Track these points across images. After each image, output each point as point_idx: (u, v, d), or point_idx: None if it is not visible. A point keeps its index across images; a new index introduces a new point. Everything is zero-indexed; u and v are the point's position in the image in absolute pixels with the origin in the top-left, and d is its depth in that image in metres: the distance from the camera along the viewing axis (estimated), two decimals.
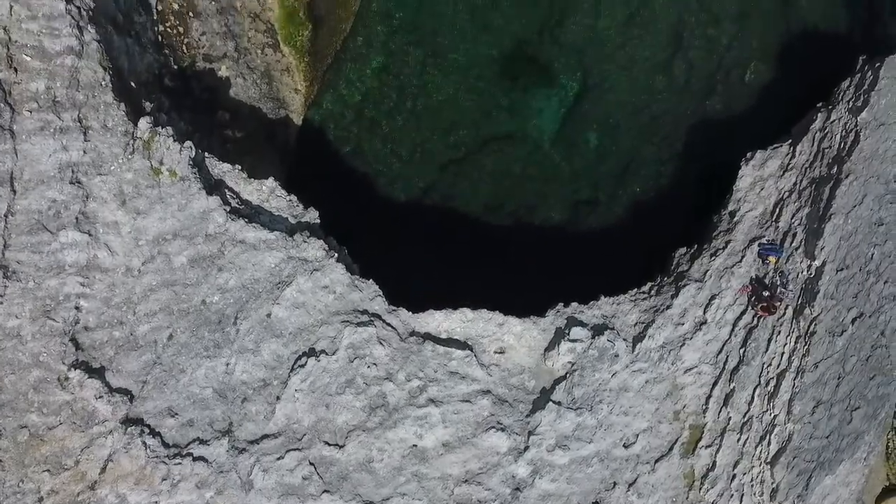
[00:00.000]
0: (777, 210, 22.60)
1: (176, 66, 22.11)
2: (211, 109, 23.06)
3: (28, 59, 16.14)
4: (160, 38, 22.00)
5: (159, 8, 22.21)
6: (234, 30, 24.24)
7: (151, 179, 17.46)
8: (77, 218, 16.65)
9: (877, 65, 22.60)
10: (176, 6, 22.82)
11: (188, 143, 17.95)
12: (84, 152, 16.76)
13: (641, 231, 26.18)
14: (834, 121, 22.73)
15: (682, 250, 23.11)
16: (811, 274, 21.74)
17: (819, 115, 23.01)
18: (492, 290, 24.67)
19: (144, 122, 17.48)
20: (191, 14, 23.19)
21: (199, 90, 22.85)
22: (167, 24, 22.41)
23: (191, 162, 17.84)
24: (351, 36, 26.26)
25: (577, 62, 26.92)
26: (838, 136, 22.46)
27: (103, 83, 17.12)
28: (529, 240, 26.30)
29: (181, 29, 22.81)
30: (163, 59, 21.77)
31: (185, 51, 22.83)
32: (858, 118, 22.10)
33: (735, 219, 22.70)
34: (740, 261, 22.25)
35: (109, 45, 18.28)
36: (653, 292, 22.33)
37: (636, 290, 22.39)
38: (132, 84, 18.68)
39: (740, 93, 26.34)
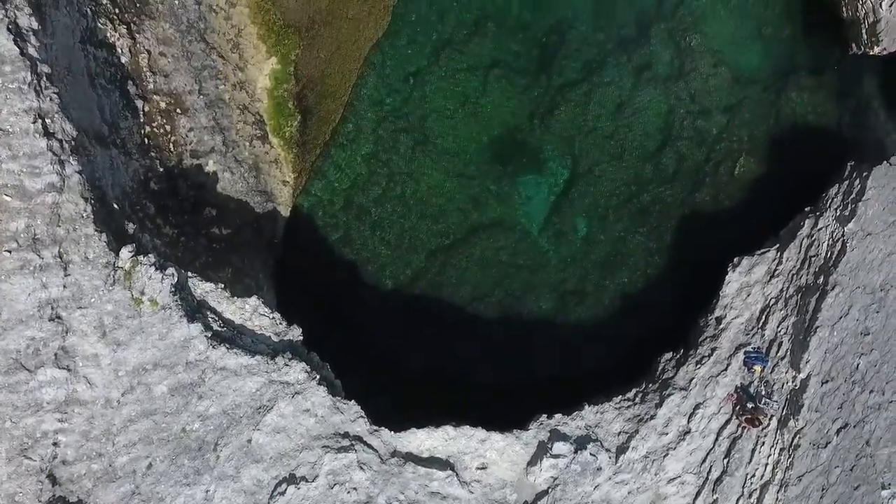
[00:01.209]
0: (763, 317, 22.58)
1: (162, 169, 22.03)
2: (197, 208, 22.99)
3: (8, 199, 16.05)
4: (146, 140, 21.93)
5: (146, 109, 22.14)
6: (223, 123, 24.19)
7: (132, 310, 17.37)
8: (56, 354, 16.55)
9: (864, 174, 22.60)
10: (163, 105, 22.76)
11: (170, 270, 17.87)
12: (64, 287, 16.66)
13: (629, 324, 26.18)
14: (821, 228, 22.73)
15: (668, 355, 23.09)
16: (796, 386, 21.71)
17: (807, 220, 23.01)
18: (477, 392, 24.82)
19: (126, 252, 17.39)
20: (178, 111, 23.12)
21: (185, 189, 22.77)
22: (154, 125, 22.34)
23: (172, 289, 17.74)
24: (341, 123, 26.24)
25: (567, 149, 26.91)
26: (825, 245, 22.45)
27: (84, 215, 17.02)
28: (516, 331, 26.26)
29: (168, 127, 22.75)
30: (148, 163, 21.70)
31: (172, 149, 22.76)
32: (846, 228, 22.10)
33: (721, 325, 22.67)
34: (725, 369, 22.24)
35: (92, 168, 18.20)
36: (637, 399, 22.30)
37: (620, 397, 22.36)
38: (115, 205, 18.59)
39: (729, 186, 26.33)
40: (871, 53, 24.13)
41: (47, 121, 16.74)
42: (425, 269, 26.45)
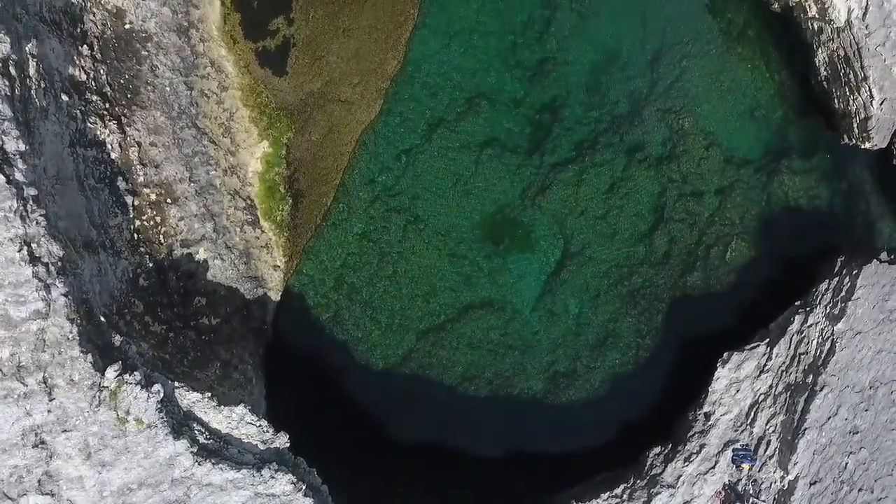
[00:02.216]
0: (752, 413, 22.57)
1: (151, 264, 22.02)
2: (187, 299, 22.97)
3: None
4: (136, 235, 21.92)
5: (136, 203, 22.14)
6: (213, 209, 24.17)
7: (117, 430, 17.33)
8: (40, 480, 16.54)
9: (854, 272, 22.59)
10: (153, 196, 22.75)
11: (156, 387, 17.84)
12: (49, 412, 16.63)
13: (618, 407, 26.18)
14: (811, 325, 22.71)
15: (657, 449, 23.06)
16: (784, 486, 21.69)
17: (797, 316, 23.00)
18: (467, 473, 24.82)
19: (111, 371, 17.37)
20: (169, 201, 23.11)
21: (175, 281, 22.75)
22: (144, 218, 22.32)
23: (158, 406, 17.72)
24: (333, 202, 26.23)
25: (559, 229, 26.90)
26: (815, 342, 22.44)
27: (70, 337, 16.99)
28: (506, 412, 26.24)
29: (158, 219, 22.74)
30: (138, 259, 21.69)
31: (162, 241, 22.74)
32: (835, 328, 22.09)
33: (710, 421, 22.65)
34: (714, 466, 22.23)
35: (79, 282, 18.18)
36: (625, 496, 22.29)
37: (609, 493, 22.35)
38: (101, 318, 18.56)
39: (721, 270, 26.32)
40: (863, 147, 24.10)
41: (33, 245, 16.71)
42: (416, 349, 26.43)
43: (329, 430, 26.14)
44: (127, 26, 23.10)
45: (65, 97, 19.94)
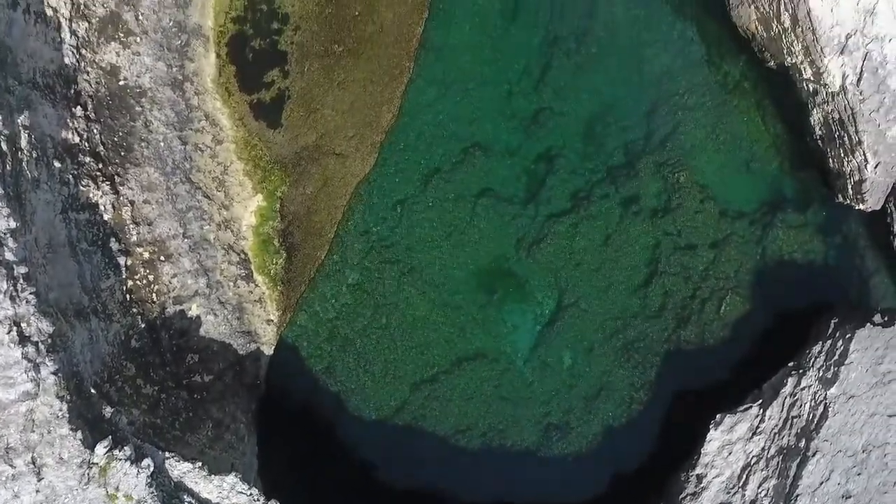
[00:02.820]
0: (744, 476, 22.55)
1: (144, 324, 21.99)
2: (179, 357, 22.94)
3: None
4: (128, 296, 21.91)
5: (128, 263, 22.13)
6: (207, 264, 24.16)
7: None
8: None
9: (847, 335, 22.56)
10: (146, 255, 22.73)
11: (146, 462, 17.83)
12: (37, 492, 16.62)
13: (611, 461, 26.16)
14: (804, 388, 22.69)
15: None
16: None
17: (789, 378, 22.98)
18: None
19: (101, 448, 17.36)
20: (162, 258, 23.10)
21: (167, 340, 22.73)
22: (136, 278, 22.32)
23: (148, 480, 17.71)
24: (327, 254, 26.23)
25: (554, 280, 26.86)
26: (808, 406, 22.42)
27: (59, 415, 16.98)
28: (499, 464, 26.24)
29: (151, 277, 22.72)
30: (130, 321, 21.67)
31: (155, 299, 22.72)
32: (828, 392, 22.07)
33: (702, 483, 22.64)
34: None
35: (70, 355, 18.17)
36: None
37: None
38: (92, 390, 18.55)
39: (715, 324, 26.25)
40: (857, 208, 24.06)
41: (23, 325, 16.70)
42: (409, 400, 26.42)
43: (322, 480, 26.16)
44: (121, 83, 23.10)
45: (57, 164, 19.93)
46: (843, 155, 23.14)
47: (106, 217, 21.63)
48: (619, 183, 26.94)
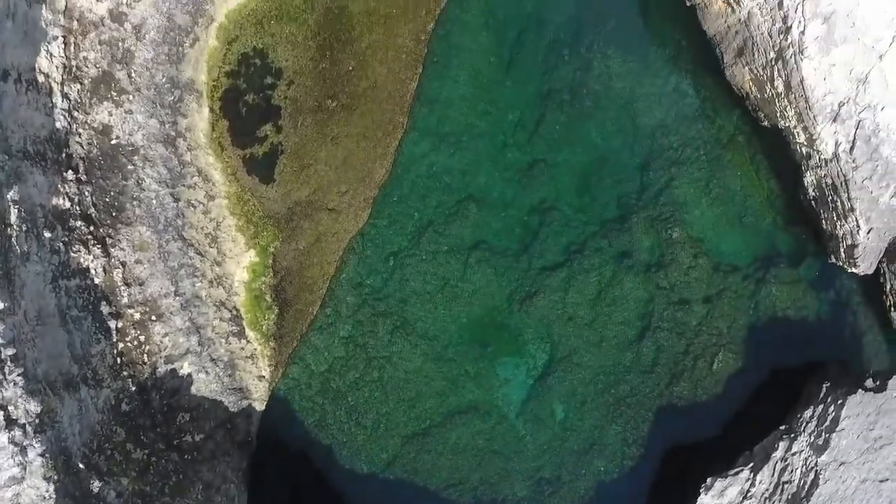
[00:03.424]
0: None
1: (134, 387, 21.95)
2: (170, 417, 22.90)
3: None
4: (119, 359, 21.87)
5: (119, 326, 22.09)
6: (198, 321, 24.12)
7: None
8: None
9: (839, 401, 22.52)
10: (137, 316, 22.69)
11: None
12: None
13: None
14: (795, 453, 22.65)
15: None
16: None
17: (781, 443, 22.93)
18: None
19: None
20: (153, 318, 23.05)
21: (158, 401, 22.68)
22: (127, 339, 22.28)
23: None
24: (320, 307, 26.19)
25: (546, 334, 26.83)
26: (798, 472, 22.38)
27: (46, 496, 16.96)
28: None
29: (142, 338, 22.68)
30: (120, 385, 21.63)
31: (146, 360, 22.68)
32: (819, 459, 22.03)
33: None
34: None
35: (58, 431, 18.13)
36: None
37: None
38: (80, 464, 18.51)
39: (707, 380, 26.23)
40: (849, 271, 24.05)
41: (10, 408, 16.69)
42: (401, 453, 26.38)
43: None
44: (113, 142, 23.07)
45: (47, 233, 19.90)
46: (835, 218, 23.11)
47: (97, 281, 21.59)
48: (613, 237, 26.91)
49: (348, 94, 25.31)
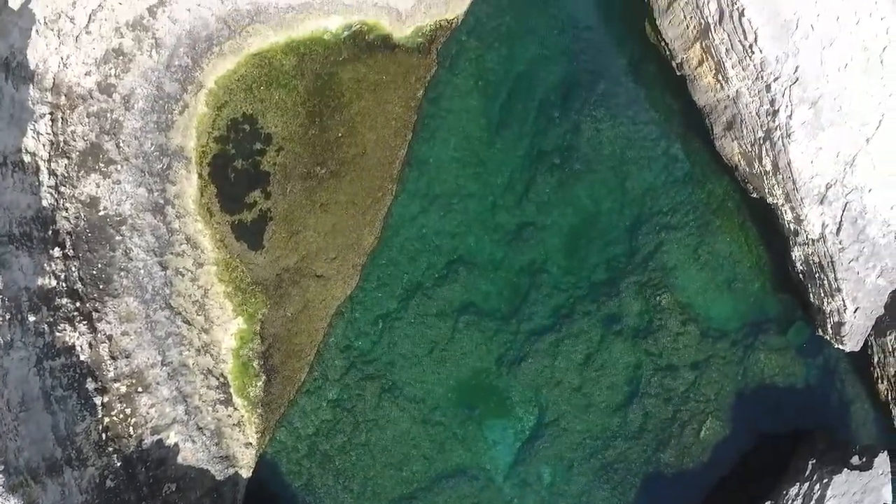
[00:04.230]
0: None
1: (119, 463, 21.93)
2: (156, 489, 22.89)
3: None
4: (104, 434, 21.84)
5: (105, 401, 22.07)
6: (185, 390, 24.11)
7: None
8: None
9: (825, 480, 22.53)
10: (123, 389, 22.68)
11: None
12: None
13: None
14: None
15: None
16: None
17: None
18: None
19: None
20: (139, 389, 23.05)
21: (144, 474, 22.66)
22: (113, 414, 22.26)
23: None
24: (308, 371, 26.19)
25: (534, 397, 26.85)
26: None
27: None
28: None
29: (128, 411, 22.67)
30: (105, 461, 21.62)
31: (132, 433, 22.66)
32: None
33: None
34: None
35: None
36: None
37: None
38: None
39: (694, 448, 26.27)
40: (836, 347, 24.06)
41: None
42: None
43: None
44: (101, 213, 23.06)
45: (32, 317, 19.89)
46: (823, 295, 23.13)
47: (83, 357, 21.58)
48: (601, 301, 26.93)
49: (337, 160, 25.31)
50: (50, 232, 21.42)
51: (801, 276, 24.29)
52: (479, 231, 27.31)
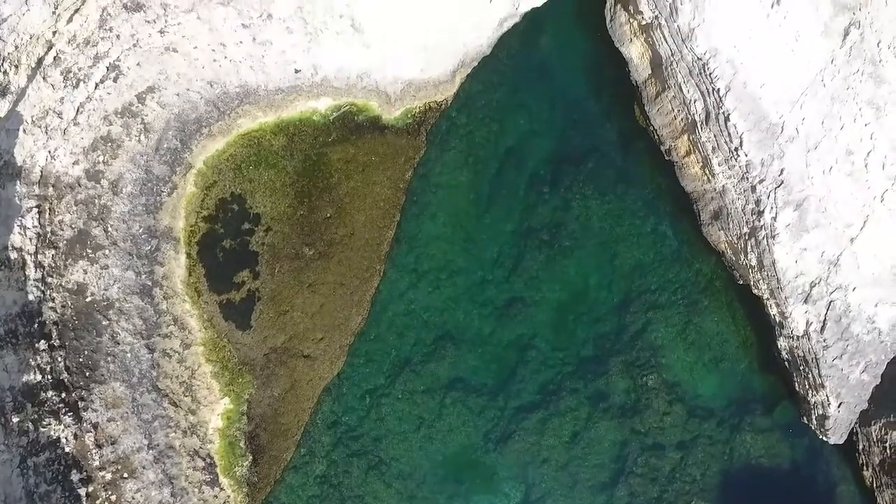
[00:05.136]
0: None
1: None
2: None
3: None
4: None
5: (90, 490, 22.08)
6: (171, 472, 24.13)
7: None
8: None
9: None
10: (109, 476, 22.69)
11: None
12: None
13: None
14: None
15: None
16: None
17: None
18: None
19: None
20: (125, 475, 23.06)
21: None
22: (98, 503, 22.27)
23: None
24: (296, 449, 26.22)
25: (521, 474, 26.87)
26: None
27: None
28: None
29: (113, 498, 22.67)
30: None
31: None
32: None
33: None
34: None
35: None
36: None
37: None
38: None
39: None
40: (821, 438, 24.12)
41: None
42: None
43: None
44: (88, 299, 23.09)
45: (15, 418, 19.95)
46: (807, 387, 23.18)
47: (68, 449, 21.60)
48: (589, 379, 26.99)
49: (326, 241, 25.37)
50: (36, 325, 21.45)
51: (786, 363, 24.36)
52: (468, 306, 27.35)
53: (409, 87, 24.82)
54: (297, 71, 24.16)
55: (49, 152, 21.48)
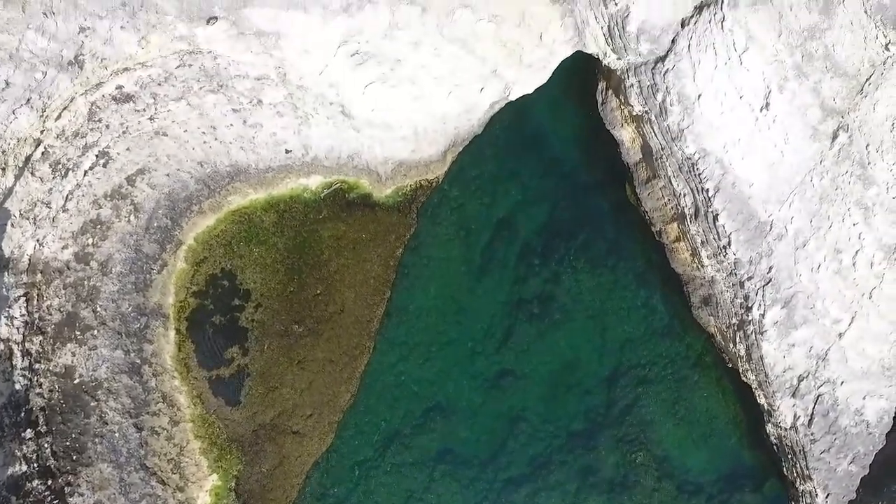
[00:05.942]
0: None
1: None
2: None
3: None
4: None
5: None
6: None
7: None
8: None
9: None
10: None
11: None
12: None
13: None
14: None
15: None
16: None
17: None
18: None
19: None
20: None
21: None
22: None
23: None
24: None
25: None
26: None
27: None
28: None
29: None
30: None
31: None
32: None
33: None
34: None
35: None
36: None
37: None
38: None
39: None
40: None
41: None
42: None
43: None
44: (76, 381, 23.06)
45: None
46: (795, 475, 23.15)
47: None
48: (578, 453, 26.97)
49: (315, 318, 25.34)
50: (22, 413, 21.42)
51: (775, 448, 24.34)
52: (458, 378, 27.32)
53: (400, 167, 24.82)
54: (287, 151, 24.16)
55: (37, 241, 21.46)
